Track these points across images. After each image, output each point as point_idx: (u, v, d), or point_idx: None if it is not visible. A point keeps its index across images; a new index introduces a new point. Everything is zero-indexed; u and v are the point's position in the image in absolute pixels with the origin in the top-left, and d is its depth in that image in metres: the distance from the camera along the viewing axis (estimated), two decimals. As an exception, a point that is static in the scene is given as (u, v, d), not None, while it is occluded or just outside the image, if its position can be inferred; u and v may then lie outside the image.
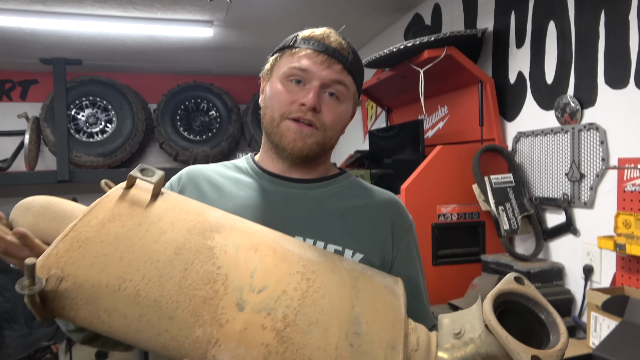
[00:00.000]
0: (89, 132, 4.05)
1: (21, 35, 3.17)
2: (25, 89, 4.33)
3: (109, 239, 0.60)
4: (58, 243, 0.58)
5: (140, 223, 0.62)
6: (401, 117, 2.91)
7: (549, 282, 1.71)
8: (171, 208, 0.67)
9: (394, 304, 0.66)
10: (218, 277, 0.59)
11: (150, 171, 0.67)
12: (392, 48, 2.04)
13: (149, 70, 4.38)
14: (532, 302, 0.63)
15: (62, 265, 0.56)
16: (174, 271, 0.58)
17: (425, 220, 1.93)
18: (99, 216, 0.62)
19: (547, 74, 1.84)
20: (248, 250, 0.64)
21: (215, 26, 3.03)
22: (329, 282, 0.64)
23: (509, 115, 2.06)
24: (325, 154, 0.90)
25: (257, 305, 0.58)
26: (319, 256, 0.69)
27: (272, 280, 0.61)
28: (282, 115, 0.83)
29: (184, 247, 0.61)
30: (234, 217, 0.72)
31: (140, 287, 0.57)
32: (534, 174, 1.90)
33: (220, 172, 0.91)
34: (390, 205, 0.92)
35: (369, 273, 0.71)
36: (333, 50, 0.84)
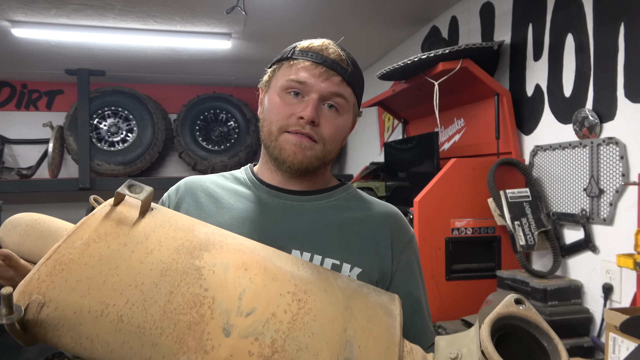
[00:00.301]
0: (111, 141, 4.14)
1: (47, 47, 3.27)
2: (51, 99, 4.46)
3: (93, 261, 0.58)
4: (40, 266, 0.56)
5: (127, 243, 0.61)
6: (418, 129, 2.89)
7: (567, 300, 1.66)
8: (160, 225, 0.65)
9: (388, 325, 0.63)
10: (205, 299, 0.57)
11: (139, 187, 0.65)
12: (406, 60, 2.03)
13: (170, 81, 4.47)
14: (533, 326, 0.61)
15: (43, 290, 0.55)
16: (159, 294, 0.56)
17: (438, 234, 1.90)
18: (83, 237, 0.60)
19: (565, 87, 1.80)
20: (238, 270, 0.62)
21: (233, 38, 3.07)
22: (321, 302, 0.62)
23: (526, 128, 2.02)
24: (325, 167, 0.89)
25: (244, 330, 0.56)
26: (312, 274, 0.67)
27: (261, 302, 0.59)
28: (280, 129, 0.83)
29: (170, 268, 0.59)
30: (226, 233, 0.70)
31: (123, 313, 0.55)
32: (551, 188, 1.86)
33: (219, 183, 0.91)
34: (389, 219, 0.90)
35: (365, 291, 0.68)
36: (332, 62, 0.83)
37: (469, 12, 2.44)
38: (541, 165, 1.92)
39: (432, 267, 1.89)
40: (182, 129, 4.30)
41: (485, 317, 1.72)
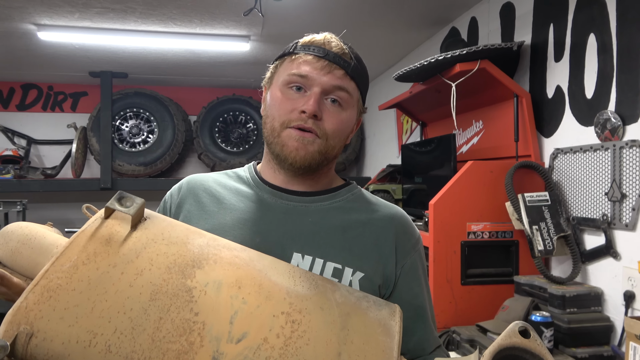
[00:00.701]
0: (132, 142, 4.22)
1: (72, 50, 3.35)
2: (75, 101, 4.57)
3: (81, 286, 0.56)
4: (28, 294, 0.55)
5: (116, 264, 0.59)
6: (436, 131, 2.85)
7: (586, 307, 1.61)
8: (152, 240, 0.63)
9: (385, 347, 0.61)
10: (195, 325, 0.56)
11: (129, 200, 0.64)
12: (423, 61, 2.01)
13: (191, 83, 4.52)
14: (536, 358, 0.58)
15: (31, 320, 0.54)
16: (148, 322, 0.55)
17: (454, 238, 1.87)
18: (72, 258, 0.58)
19: (587, 89, 1.75)
20: (231, 289, 0.60)
21: (252, 41, 3.09)
22: (316, 323, 0.60)
23: (546, 131, 1.98)
24: (328, 164, 0.87)
25: (234, 359, 0.55)
26: (309, 288, 0.65)
27: (253, 325, 0.58)
28: (282, 124, 0.81)
29: (160, 290, 0.58)
30: (222, 244, 0.68)
31: (111, 343, 0.54)
32: (571, 192, 1.81)
33: (221, 182, 0.90)
34: (395, 221, 0.87)
35: (364, 305, 0.66)
36: (334, 56, 0.81)
37: (489, 13, 2.40)
38: (561, 168, 1.87)
39: (447, 271, 1.86)
40: (201, 130, 4.35)
41: (501, 324, 1.69)
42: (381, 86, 4.04)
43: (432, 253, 1.86)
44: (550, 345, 1.49)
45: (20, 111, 4.45)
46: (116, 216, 0.64)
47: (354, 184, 0.93)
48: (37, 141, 4.43)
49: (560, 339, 1.55)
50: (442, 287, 1.86)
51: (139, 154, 4.17)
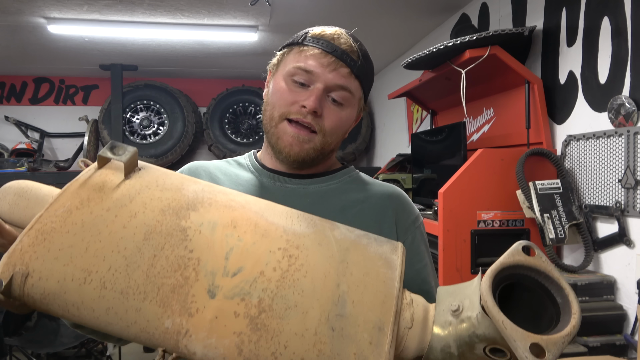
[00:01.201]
0: (143, 134, 4.24)
1: (82, 43, 3.37)
2: (87, 94, 4.60)
3: (75, 228, 0.57)
4: (23, 237, 0.56)
5: (110, 207, 0.59)
6: (446, 120, 2.82)
7: (599, 296, 1.59)
8: (146, 187, 0.63)
9: (386, 278, 0.60)
10: (189, 261, 0.56)
11: (122, 148, 0.64)
12: (432, 48, 1.98)
13: (200, 75, 4.53)
14: (542, 275, 0.56)
15: (26, 261, 0.55)
16: (142, 259, 0.56)
17: (464, 227, 1.86)
18: (66, 204, 0.59)
19: (600, 74, 1.71)
20: (225, 228, 0.60)
21: (260, 31, 3.08)
22: (314, 257, 0.60)
23: (559, 117, 1.94)
24: (324, 158, 0.87)
25: (230, 291, 0.55)
26: (307, 227, 0.64)
27: (249, 261, 0.58)
28: (281, 115, 0.82)
29: (154, 230, 0.58)
30: (217, 189, 0.67)
31: (106, 279, 0.54)
32: (584, 180, 1.78)
33: (222, 169, 0.91)
34: (392, 199, 0.88)
35: (364, 242, 0.65)
36: (342, 53, 0.81)
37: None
38: (574, 155, 1.84)
39: (456, 260, 1.85)
40: (211, 122, 4.36)
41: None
42: (391, 75, 4.00)
43: (442, 242, 1.85)
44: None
45: (33, 105, 4.50)
46: (110, 166, 0.65)
47: (351, 167, 0.94)
48: (50, 134, 4.48)
49: (572, 328, 1.53)
50: (451, 276, 1.84)
51: (149, 146, 4.19)
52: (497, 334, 0.53)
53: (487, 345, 0.55)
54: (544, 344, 0.50)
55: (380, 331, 0.55)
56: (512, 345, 0.51)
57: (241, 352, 0.53)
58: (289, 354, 0.53)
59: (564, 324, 0.53)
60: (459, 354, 0.57)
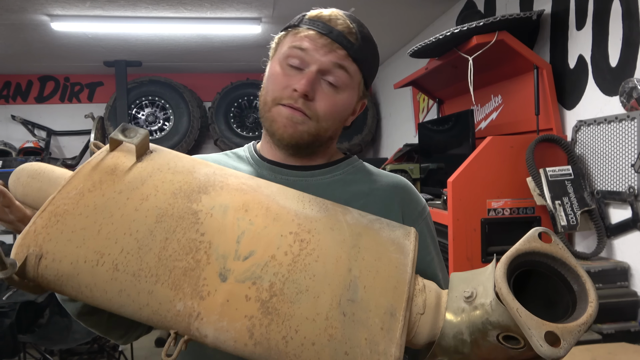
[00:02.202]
0: (149, 130, 4.24)
1: (85, 40, 3.37)
2: (92, 91, 4.61)
3: (87, 210, 0.57)
4: (36, 219, 0.57)
5: (122, 190, 0.60)
6: (453, 108, 2.79)
7: (612, 282, 1.57)
8: (157, 169, 0.63)
9: (399, 263, 0.59)
10: (201, 245, 0.56)
11: (133, 131, 0.63)
12: (438, 35, 1.95)
13: (204, 69, 4.52)
14: (559, 262, 0.54)
15: (40, 243, 0.55)
16: (154, 242, 0.56)
17: (473, 216, 1.84)
18: (78, 186, 0.59)
19: (611, 57, 1.68)
20: (237, 212, 0.60)
21: (263, 23, 3.06)
22: (326, 241, 0.59)
23: (568, 103, 1.91)
24: (322, 145, 0.84)
25: (241, 275, 0.55)
26: (319, 211, 0.63)
27: (260, 244, 0.57)
28: (274, 100, 0.79)
29: (166, 213, 0.58)
30: (229, 172, 0.67)
31: (118, 262, 0.55)
32: (595, 165, 1.75)
33: (221, 162, 0.88)
34: (398, 190, 0.86)
35: (377, 226, 0.64)
36: (338, 34, 0.78)
37: (506, -17, 2.32)
38: (584, 141, 1.81)
39: (467, 249, 1.83)
40: (216, 116, 4.35)
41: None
42: (396, 65, 3.97)
43: (452, 231, 1.83)
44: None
45: (39, 103, 4.52)
46: (122, 149, 0.65)
47: (354, 157, 0.91)
48: (56, 132, 4.50)
49: (586, 315, 1.52)
50: (462, 265, 1.83)
51: (156, 141, 4.18)
52: (511, 322, 0.52)
53: (500, 333, 0.54)
54: (560, 332, 0.49)
55: (392, 317, 0.55)
56: (526, 334, 0.50)
57: (252, 335, 0.53)
58: (299, 338, 0.53)
59: (580, 312, 0.52)
60: (472, 341, 0.56)
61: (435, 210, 2.00)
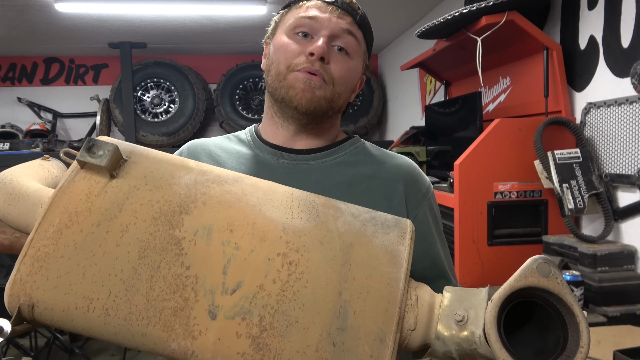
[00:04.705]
0: (154, 113, 4.24)
1: (90, 22, 3.34)
2: (97, 73, 4.59)
3: (68, 251, 0.56)
4: (20, 265, 0.56)
5: (99, 222, 0.57)
6: (461, 90, 2.76)
7: (619, 266, 1.56)
8: (134, 187, 0.60)
9: (391, 278, 0.57)
10: (187, 280, 0.55)
11: (100, 147, 0.59)
12: (446, 16, 1.92)
13: (209, 51, 4.48)
14: (555, 297, 0.53)
15: (29, 292, 0.55)
16: (140, 282, 0.55)
17: (480, 198, 1.83)
18: (54, 222, 0.57)
19: (623, 37, 1.65)
20: (222, 234, 0.58)
21: (269, 3, 3.02)
22: (315, 261, 0.58)
23: (578, 84, 1.88)
24: (333, 116, 0.84)
25: (230, 311, 0.54)
26: (308, 220, 0.61)
27: (248, 273, 0.56)
28: (289, 67, 0.78)
29: (148, 246, 0.56)
30: (210, 178, 0.63)
31: (108, 306, 0.54)
32: (604, 148, 1.73)
33: (222, 146, 0.88)
34: (402, 171, 0.85)
35: (370, 231, 0.61)
36: (342, 2, 0.81)
37: (517, -39, 2.26)
38: (594, 123, 1.79)
39: (473, 232, 1.83)
40: (222, 98, 4.33)
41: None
42: (403, 46, 3.92)
43: (458, 214, 1.83)
44: (580, 304, 1.46)
45: (45, 85, 4.51)
46: (92, 165, 0.60)
47: (357, 137, 0.91)
48: (62, 114, 4.50)
49: (591, 298, 1.52)
50: (468, 248, 1.83)
51: (161, 124, 4.19)
52: None
53: None
54: None
55: (382, 342, 0.55)
56: None
57: None
58: None
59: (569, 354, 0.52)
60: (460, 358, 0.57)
61: (441, 193, 2.00)
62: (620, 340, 1.31)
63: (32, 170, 0.70)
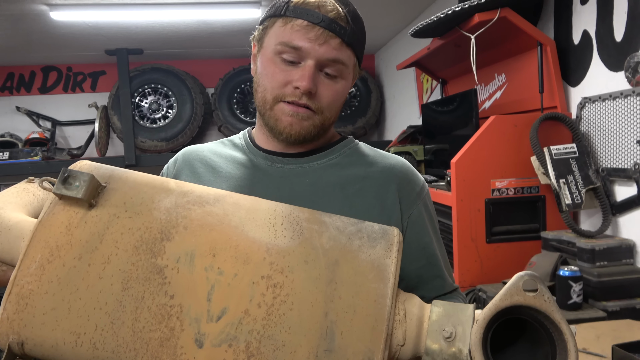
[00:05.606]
0: (152, 118, 4.24)
1: (85, 29, 3.35)
2: (94, 80, 4.61)
3: (52, 287, 0.56)
4: (5, 304, 0.56)
5: (81, 255, 0.57)
6: (457, 88, 2.76)
7: (617, 260, 1.56)
8: (114, 215, 0.59)
9: (378, 295, 0.57)
10: (172, 309, 0.55)
11: (76, 178, 0.58)
12: (439, 14, 1.92)
13: (206, 55, 4.49)
14: (542, 315, 0.53)
15: (17, 330, 0.55)
16: (125, 314, 0.55)
17: (477, 196, 1.83)
18: (36, 257, 0.57)
19: (616, 31, 1.65)
20: (204, 259, 0.57)
21: (263, 6, 3.02)
22: (300, 282, 0.57)
23: (573, 79, 1.88)
24: (324, 132, 0.84)
25: (216, 338, 0.54)
26: (292, 238, 0.60)
27: (232, 299, 0.56)
28: (275, 98, 0.77)
29: (131, 277, 0.56)
30: (192, 199, 0.62)
31: (95, 340, 0.54)
32: (600, 143, 1.73)
33: (216, 151, 0.88)
34: (395, 171, 0.85)
35: (355, 245, 0.60)
36: (329, 22, 0.74)
37: (509, -42, 2.27)
38: (589, 118, 1.79)
39: (471, 230, 1.83)
40: (219, 102, 4.34)
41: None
42: (398, 45, 3.92)
43: (455, 212, 1.83)
44: (579, 299, 1.46)
45: (43, 94, 4.52)
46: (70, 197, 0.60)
47: (350, 137, 0.90)
48: (61, 122, 4.51)
49: (590, 293, 1.51)
50: (466, 246, 1.83)
51: (160, 129, 4.20)
52: None
53: None
54: None
55: None
56: None
57: None
58: None
59: None
60: None
61: (439, 191, 2.00)
62: (619, 334, 1.30)
63: (16, 197, 0.69)
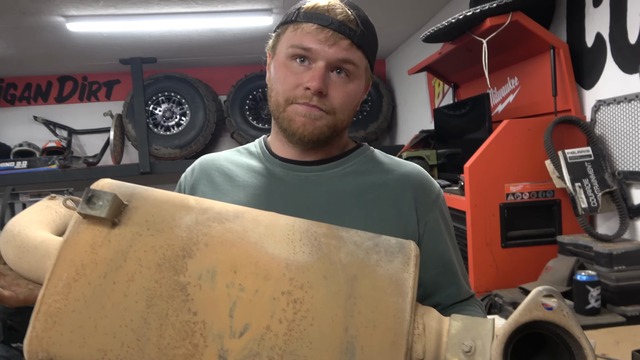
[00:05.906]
0: (166, 126, 4.30)
1: (100, 39, 3.41)
2: (109, 89, 4.68)
3: (79, 306, 0.57)
4: (34, 322, 0.57)
5: (106, 273, 0.59)
6: (469, 92, 2.75)
7: (636, 264, 1.54)
8: (137, 233, 0.61)
9: (397, 309, 0.58)
10: (195, 326, 0.56)
11: (99, 197, 0.60)
12: (451, 19, 1.92)
13: (218, 63, 4.54)
14: (562, 329, 0.53)
15: (45, 347, 0.56)
16: (150, 331, 0.56)
17: (492, 201, 1.82)
18: (62, 276, 0.59)
19: (630, 33, 1.64)
20: (226, 276, 0.59)
21: (274, 14, 3.05)
22: (320, 297, 0.58)
23: (587, 82, 1.87)
24: (338, 136, 0.85)
25: (239, 354, 0.55)
26: (311, 253, 0.61)
27: (254, 315, 0.57)
28: (287, 100, 0.79)
29: (155, 294, 0.58)
30: (212, 216, 0.64)
31: (122, 357, 0.56)
32: (616, 145, 1.72)
33: (233, 160, 0.89)
34: (411, 179, 0.85)
35: (373, 260, 0.61)
36: (339, 24, 0.76)
37: (520, -39, 2.26)
38: (604, 121, 1.77)
39: (486, 235, 1.82)
40: (232, 109, 4.38)
41: (546, 284, 1.64)
42: (409, 50, 3.92)
43: (470, 217, 1.82)
44: (597, 304, 1.45)
45: (59, 103, 4.61)
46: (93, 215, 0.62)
47: (365, 145, 0.91)
48: (77, 131, 4.59)
49: (609, 298, 1.50)
50: (481, 251, 1.82)
51: (173, 137, 4.24)
52: None
53: None
54: None
55: None
56: None
57: None
58: None
59: None
60: None
61: (453, 196, 1.99)
62: (639, 340, 1.29)
63: (40, 215, 0.71)
